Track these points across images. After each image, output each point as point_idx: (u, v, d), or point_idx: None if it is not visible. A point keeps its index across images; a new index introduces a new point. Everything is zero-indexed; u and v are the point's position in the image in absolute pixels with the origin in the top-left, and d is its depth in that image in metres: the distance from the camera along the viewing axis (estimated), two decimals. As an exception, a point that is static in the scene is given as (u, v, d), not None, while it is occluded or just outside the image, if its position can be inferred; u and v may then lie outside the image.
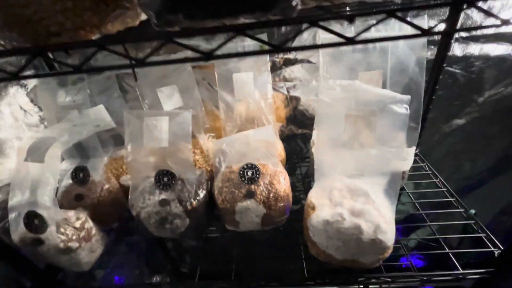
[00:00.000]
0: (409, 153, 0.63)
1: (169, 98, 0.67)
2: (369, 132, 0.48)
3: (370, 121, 0.47)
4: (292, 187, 0.62)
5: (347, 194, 0.51)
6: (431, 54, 0.75)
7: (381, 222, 0.46)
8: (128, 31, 0.40)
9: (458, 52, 0.83)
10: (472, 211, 0.63)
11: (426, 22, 0.56)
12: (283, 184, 0.59)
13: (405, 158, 0.61)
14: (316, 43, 0.71)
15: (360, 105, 0.49)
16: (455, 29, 0.62)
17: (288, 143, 0.96)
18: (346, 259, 0.51)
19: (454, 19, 0.56)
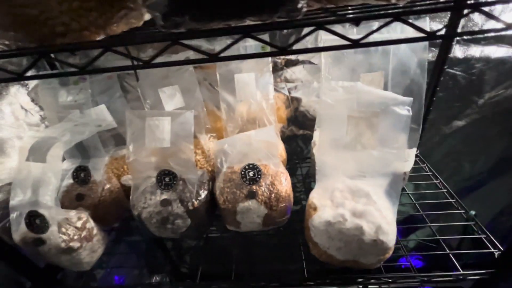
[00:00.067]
0: (410, 154, 0.63)
1: (171, 99, 0.67)
2: (371, 134, 0.48)
3: (372, 123, 0.47)
4: (293, 188, 0.62)
5: (349, 195, 0.51)
6: (432, 56, 0.75)
7: (383, 223, 0.47)
8: (132, 32, 0.40)
9: (459, 54, 0.83)
10: (472, 212, 0.63)
11: (428, 25, 0.57)
12: (285, 185, 0.59)
13: (406, 159, 0.62)
14: (318, 45, 0.72)
15: (362, 107, 0.49)
16: (458, 33, 0.62)
17: (289, 144, 0.96)
18: (347, 260, 0.51)
19: (456, 22, 0.57)
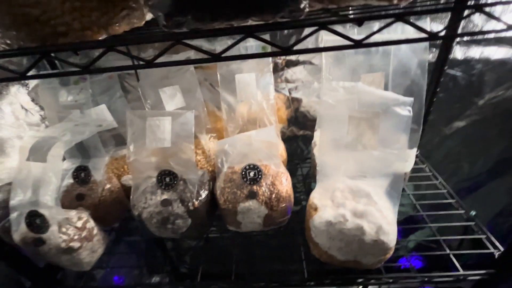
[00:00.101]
0: (410, 155, 0.63)
1: (171, 99, 0.67)
2: (372, 134, 0.48)
3: (373, 123, 0.47)
4: (293, 188, 0.62)
5: (349, 195, 0.51)
6: (432, 57, 0.75)
7: (383, 223, 0.47)
8: (133, 32, 0.40)
9: (459, 55, 0.84)
10: (473, 213, 0.63)
11: (429, 26, 0.57)
12: (285, 185, 0.59)
13: (407, 160, 0.62)
14: (319, 45, 0.72)
15: (363, 107, 0.49)
16: (459, 34, 0.62)
17: (289, 145, 0.96)
18: (348, 260, 0.51)
19: (456, 24, 0.57)
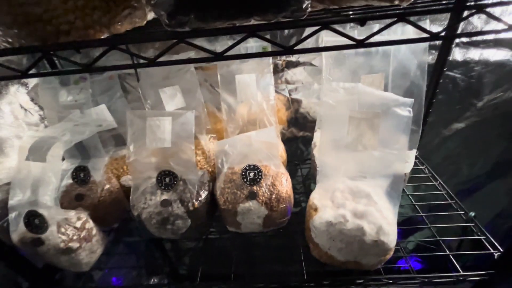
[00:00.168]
0: (410, 156, 0.63)
1: (172, 99, 0.67)
2: (372, 134, 0.48)
3: (373, 124, 0.47)
4: (293, 189, 0.62)
5: (349, 196, 0.51)
6: (432, 59, 0.76)
7: (384, 224, 0.47)
8: (135, 31, 0.40)
9: (459, 57, 0.84)
10: (472, 214, 0.63)
11: (428, 27, 0.57)
12: (285, 186, 0.59)
13: (406, 161, 0.62)
14: (319, 45, 0.72)
15: (364, 108, 0.49)
16: (460, 34, 0.62)
17: (289, 146, 0.96)
18: (348, 261, 0.51)
19: (456, 25, 0.57)
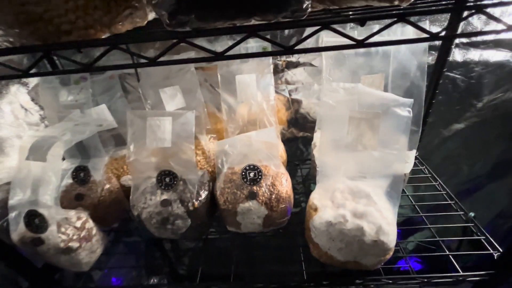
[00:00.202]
0: (410, 156, 0.64)
1: (172, 99, 0.67)
2: (372, 135, 0.48)
3: (373, 124, 0.47)
4: (293, 190, 0.62)
5: (349, 196, 0.51)
6: (432, 59, 0.76)
7: (383, 224, 0.47)
8: (136, 31, 0.40)
9: (458, 58, 0.84)
10: (472, 214, 0.63)
11: (428, 27, 0.57)
12: (285, 186, 0.59)
13: (406, 161, 0.62)
14: (319, 45, 0.72)
15: (364, 108, 0.49)
16: (460, 34, 0.63)
17: (289, 146, 0.96)
18: (348, 261, 0.51)
19: (456, 25, 0.57)
